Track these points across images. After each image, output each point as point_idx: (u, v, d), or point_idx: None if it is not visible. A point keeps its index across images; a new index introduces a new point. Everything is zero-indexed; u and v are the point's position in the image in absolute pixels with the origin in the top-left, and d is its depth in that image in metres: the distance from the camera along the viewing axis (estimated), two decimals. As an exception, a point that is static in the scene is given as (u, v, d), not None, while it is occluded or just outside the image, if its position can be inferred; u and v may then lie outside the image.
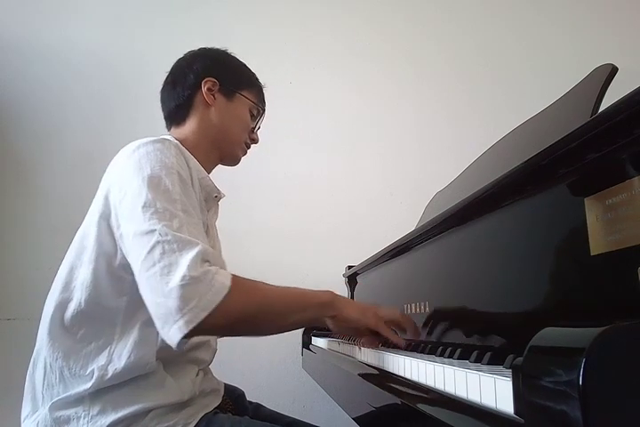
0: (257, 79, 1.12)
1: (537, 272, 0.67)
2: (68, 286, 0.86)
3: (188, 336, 0.69)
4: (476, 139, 1.59)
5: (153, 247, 0.71)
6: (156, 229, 0.73)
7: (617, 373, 0.33)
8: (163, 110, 1.07)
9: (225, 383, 1.08)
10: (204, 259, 0.72)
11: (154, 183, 0.78)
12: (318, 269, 2.06)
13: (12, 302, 1.91)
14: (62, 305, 0.85)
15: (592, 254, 0.54)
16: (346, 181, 2.25)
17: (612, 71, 0.82)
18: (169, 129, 1.07)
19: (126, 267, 0.80)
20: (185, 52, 1.10)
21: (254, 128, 1.10)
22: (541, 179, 0.66)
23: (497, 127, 1.27)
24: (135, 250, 0.75)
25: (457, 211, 0.88)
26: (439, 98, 2.38)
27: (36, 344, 0.90)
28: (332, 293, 0.85)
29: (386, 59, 2.38)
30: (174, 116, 1.05)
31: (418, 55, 2.40)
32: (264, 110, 1.11)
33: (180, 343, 0.69)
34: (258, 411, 1.13)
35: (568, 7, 2.50)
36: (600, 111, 0.55)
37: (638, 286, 0.47)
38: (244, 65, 1.11)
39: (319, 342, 1.51)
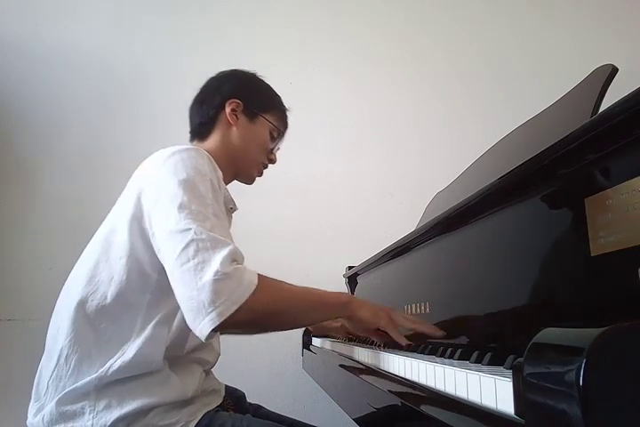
0: (282, 103, 1.17)
1: (537, 273, 0.67)
2: (92, 280, 0.88)
3: (217, 329, 0.72)
4: (476, 139, 1.59)
5: (188, 244, 0.76)
6: (191, 228, 0.77)
7: (617, 373, 0.33)
8: (190, 125, 1.13)
9: (225, 385, 1.08)
10: (233, 258, 0.76)
11: (189, 187, 0.82)
12: (318, 269, 2.06)
13: (11, 302, 1.91)
14: (86, 298, 0.87)
15: (592, 255, 0.54)
16: (346, 181, 2.25)
17: (612, 72, 0.82)
18: (191, 142, 1.11)
19: (154, 265, 0.84)
20: (217, 72, 1.14)
21: (273, 149, 1.15)
22: (541, 179, 0.66)
23: (497, 127, 1.27)
24: (169, 246, 0.78)
25: (457, 211, 0.88)
26: (439, 98, 2.37)
27: (50, 338, 0.90)
28: (349, 294, 0.88)
29: (386, 59, 2.38)
30: (198, 131, 1.11)
31: (418, 55, 2.40)
32: (284, 133, 1.17)
33: (209, 336, 0.73)
34: (258, 412, 1.13)
35: (569, 8, 2.50)
36: (600, 112, 0.55)
37: (638, 286, 0.47)
38: (271, 89, 1.16)
39: (319, 342, 1.51)
